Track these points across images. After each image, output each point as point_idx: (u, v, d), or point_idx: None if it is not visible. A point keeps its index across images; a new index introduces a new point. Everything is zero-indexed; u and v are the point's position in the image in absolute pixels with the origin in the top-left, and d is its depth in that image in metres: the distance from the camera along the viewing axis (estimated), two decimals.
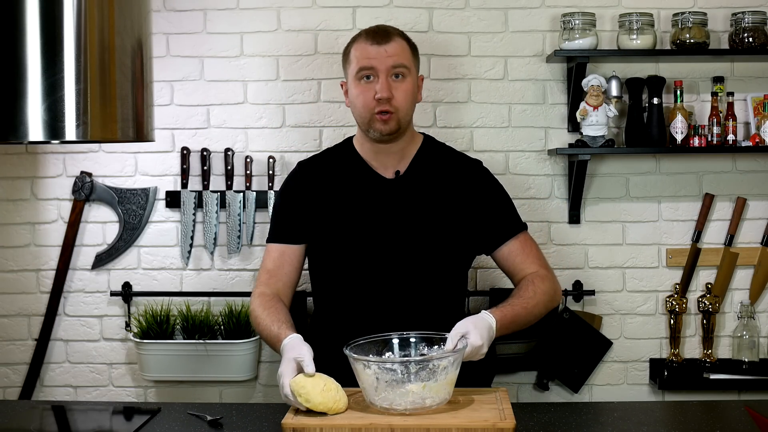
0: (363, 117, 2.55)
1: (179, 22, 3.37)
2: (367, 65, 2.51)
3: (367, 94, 2.52)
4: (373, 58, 2.51)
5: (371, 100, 2.51)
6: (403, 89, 2.53)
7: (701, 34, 3.21)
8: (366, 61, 2.52)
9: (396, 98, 2.51)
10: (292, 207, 2.63)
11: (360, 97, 2.53)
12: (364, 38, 2.55)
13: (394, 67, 2.52)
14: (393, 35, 2.56)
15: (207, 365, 3.28)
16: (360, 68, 2.52)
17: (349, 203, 2.59)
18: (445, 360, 2.12)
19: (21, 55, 2.35)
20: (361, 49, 2.54)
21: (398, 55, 2.53)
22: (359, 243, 2.55)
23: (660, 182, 3.39)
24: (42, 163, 3.41)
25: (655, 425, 2.25)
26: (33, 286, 3.43)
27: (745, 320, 3.34)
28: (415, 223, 2.56)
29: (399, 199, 2.58)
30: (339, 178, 2.62)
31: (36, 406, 2.64)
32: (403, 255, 2.54)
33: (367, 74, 2.52)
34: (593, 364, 3.38)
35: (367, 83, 2.52)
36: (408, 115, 2.58)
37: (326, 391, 2.10)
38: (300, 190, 2.63)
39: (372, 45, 2.52)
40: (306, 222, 2.60)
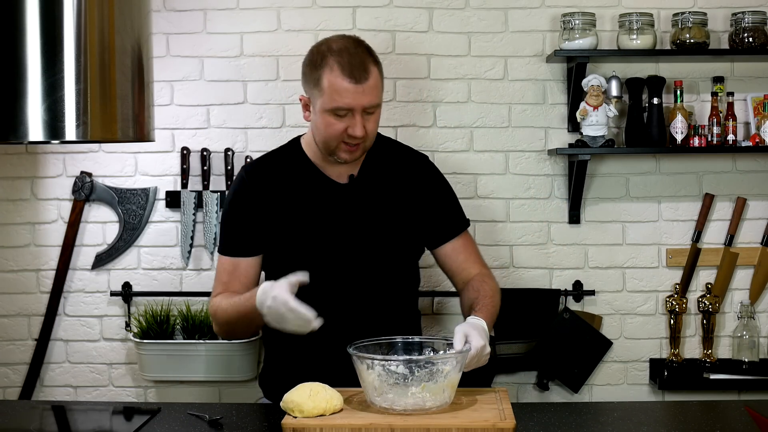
0: (328, 145, 2.44)
1: (179, 22, 3.37)
2: (343, 106, 2.37)
3: (337, 126, 2.39)
4: (350, 99, 2.36)
5: (341, 133, 2.40)
6: (374, 120, 2.44)
7: (701, 34, 3.21)
8: (342, 102, 2.37)
9: (367, 131, 2.42)
10: (242, 218, 2.51)
11: (329, 129, 2.40)
12: (340, 73, 2.36)
13: (370, 106, 2.40)
14: (369, 67, 2.41)
15: (207, 365, 3.28)
16: (335, 108, 2.37)
17: (303, 211, 2.49)
18: (448, 363, 2.12)
19: (21, 55, 2.35)
20: (336, 86, 2.36)
21: (374, 93, 2.40)
22: (316, 251, 2.48)
23: (660, 182, 3.39)
24: (42, 163, 3.41)
25: (655, 425, 2.25)
26: (33, 286, 3.43)
27: (745, 320, 3.34)
28: (369, 227, 2.51)
29: (353, 203, 2.52)
30: (290, 184, 2.51)
31: (36, 406, 2.64)
32: (359, 260, 2.50)
33: (343, 113, 2.39)
34: (593, 364, 3.38)
35: (339, 118, 2.39)
36: (373, 140, 2.49)
37: (314, 395, 2.10)
38: (250, 200, 2.51)
39: (350, 83, 2.36)
40: (258, 233, 2.50)
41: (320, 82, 2.39)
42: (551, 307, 3.35)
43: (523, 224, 3.39)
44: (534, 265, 3.39)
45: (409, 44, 3.37)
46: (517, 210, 3.39)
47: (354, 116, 2.39)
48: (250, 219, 2.51)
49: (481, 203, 3.38)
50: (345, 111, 2.38)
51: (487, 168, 3.38)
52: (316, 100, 2.42)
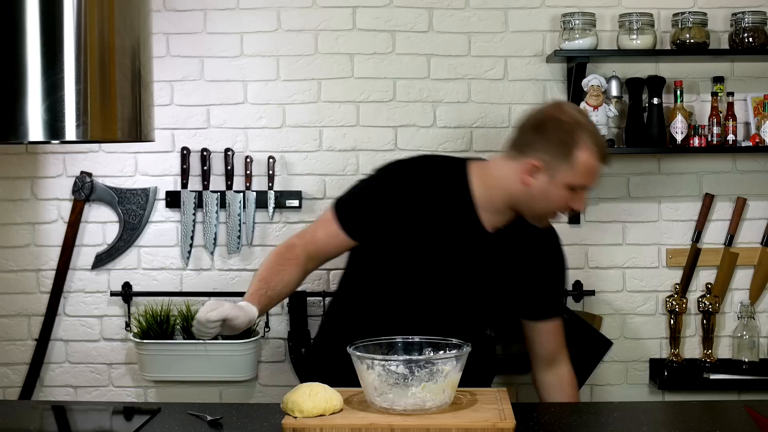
0: (546, 213, 2.47)
1: (179, 22, 3.37)
2: (588, 185, 2.42)
3: (568, 201, 2.42)
4: (595, 180, 2.43)
5: (565, 206, 2.44)
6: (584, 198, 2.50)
7: (701, 34, 3.21)
8: (589, 181, 2.41)
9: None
10: (378, 208, 2.49)
11: (560, 201, 2.42)
12: (597, 154, 2.39)
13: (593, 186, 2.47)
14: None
15: (207, 365, 3.28)
16: (582, 185, 2.40)
17: (439, 237, 2.48)
18: (448, 363, 2.12)
19: (21, 55, 2.35)
20: (591, 167, 2.39)
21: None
22: (427, 274, 2.49)
23: (660, 182, 3.39)
24: (42, 163, 3.41)
25: (655, 425, 2.25)
26: (33, 286, 3.43)
27: (745, 320, 3.34)
28: (487, 277, 2.54)
29: (486, 252, 2.52)
30: (441, 206, 2.48)
31: (36, 406, 2.64)
32: (458, 300, 2.52)
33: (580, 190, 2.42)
34: (593, 364, 3.38)
35: (572, 193, 2.41)
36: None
37: (314, 395, 2.10)
38: (397, 196, 2.48)
39: (601, 165, 2.42)
40: (384, 228, 2.48)
41: (573, 158, 2.37)
42: None
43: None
44: None
45: (409, 44, 3.37)
46: None
47: (583, 192, 2.44)
48: (385, 210, 2.48)
49: None
50: (583, 188, 2.42)
51: None
52: (560, 173, 2.38)
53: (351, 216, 2.52)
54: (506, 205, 2.48)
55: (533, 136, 2.42)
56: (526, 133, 2.45)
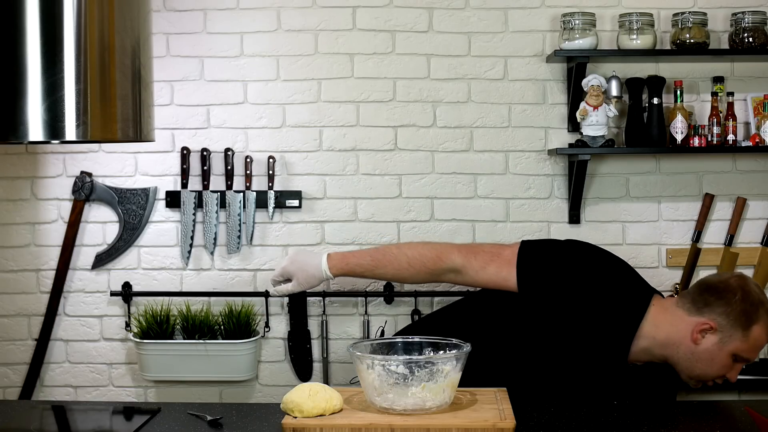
0: (700, 374, 2.50)
1: (179, 22, 3.37)
2: (751, 359, 2.49)
3: (726, 368, 2.48)
4: (756, 356, 2.49)
5: (723, 374, 2.49)
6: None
7: (701, 34, 3.21)
8: (753, 357, 2.49)
9: None
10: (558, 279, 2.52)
11: (722, 368, 2.48)
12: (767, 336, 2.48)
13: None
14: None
15: (207, 365, 3.28)
16: (747, 358, 2.48)
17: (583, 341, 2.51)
18: (448, 363, 2.12)
19: (21, 55, 2.35)
20: (761, 343, 2.48)
21: None
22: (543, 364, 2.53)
23: (660, 182, 3.39)
24: (42, 163, 3.41)
25: (655, 425, 2.25)
26: (33, 286, 3.43)
27: None
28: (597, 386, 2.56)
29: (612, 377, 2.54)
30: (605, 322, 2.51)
31: (36, 406, 2.64)
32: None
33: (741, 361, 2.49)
34: None
35: (734, 363, 2.48)
36: None
37: (314, 395, 2.11)
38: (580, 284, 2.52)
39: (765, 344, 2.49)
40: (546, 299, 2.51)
41: (750, 330, 2.44)
42: None
43: (523, 224, 3.39)
44: None
45: (409, 44, 3.37)
46: (517, 210, 3.39)
47: (740, 365, 2.49)
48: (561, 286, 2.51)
49: (481, 203, 3.38)
50: (744, 361, 2.48)
51: (487, 168, 3.38)
52: (732, 341, 2.45)
53: (533, 273, 2.53)
54: (664, 356, 2.53)
55: (717, 301, 2.48)
56: (710, 296, 2.50)
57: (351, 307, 3.40)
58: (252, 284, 3.40)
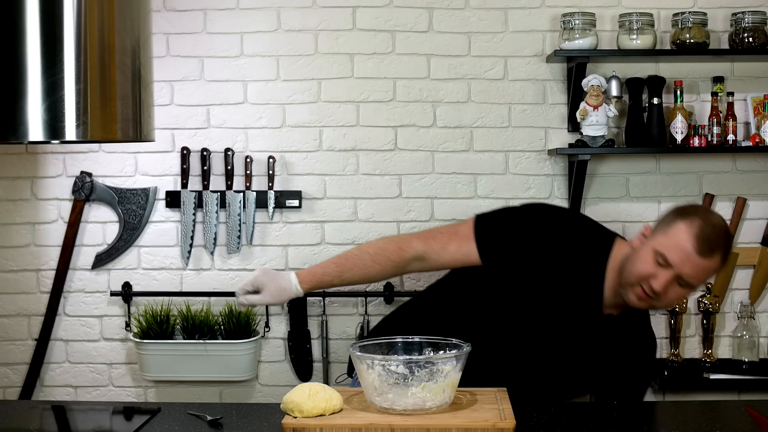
0: (629, 278, 2.41)
1: (179, 22, 3.37)
2: (668, 260, 2.35)
3: (648, 268, 2.37)
4: (678, 260, 2.35)
5: (646, 278, 2.37)
6: (679, 293, 2.42)
7: (701, 34, 3.21)
8: (672, 256, 2.35)
9: (666, 295, 2.39)
10: (519, 242, 2.49)
11: (641, 265, 2.38)
12: (693, 235, 2.34)
13: (685, 279, 2.38)
14: (717, 252, 2.36)
15: (207, 365, 3.28)
16: (662, 254, 2.36)
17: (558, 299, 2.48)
18: (448, 363, 2.12)
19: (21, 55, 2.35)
20: (680, 240, 2.35)
21: (699, 274, 2.37)
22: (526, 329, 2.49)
23: (660, 182, 3.39)
24: (42, 163, 3.41)
25: (655, 425, 2.25)
26: (33, 286, 3.43)
27: (745, 320, 3.34)
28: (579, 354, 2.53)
29: (590, 332, 2.52)
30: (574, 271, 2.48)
31: (36, 406, 2.64)
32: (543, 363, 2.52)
33: (664, 264, 2.36)
34: None
35: (657, 267, 2.36)
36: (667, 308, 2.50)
37: (313, 395, 2.10)
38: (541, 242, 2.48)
39: (692, 248, 2.33)
40: (514, 265, 2.48)
41: (673, 225, 2.38)
42: None
43: None
44: None
45: (409, 44, 3.37)
46: None
47: (667, 272, 2.36)
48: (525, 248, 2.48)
49: (481, 203, 3.38)
50: (666, 263, 2.36)
51: (487, 168, 3.39)
52: (656, 236, 2.40)
53: (492, 241, 2.51)
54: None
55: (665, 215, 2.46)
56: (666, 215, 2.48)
57: (351, 307, 3.40)
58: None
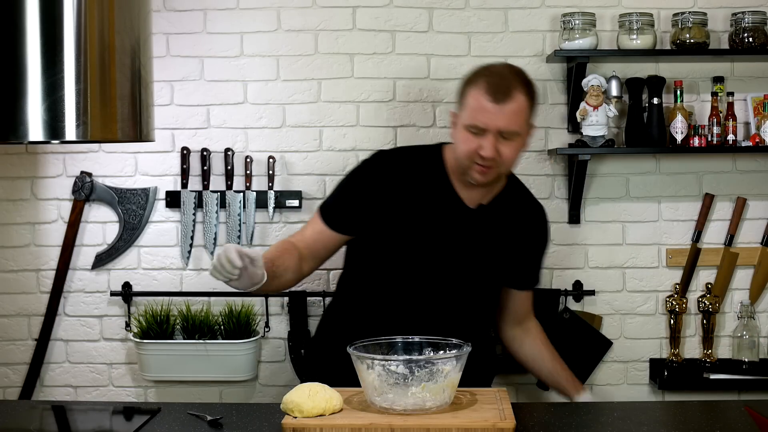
0: (462, 162, 2.44)
1: (179, 22, 3.37)
2: (478, 125, 2.38)
3: (471, 144, 2.40)
4: (486, 119, 2.37)
5: (473, 150, 2.40)
6: (511, 147, 2.42)
7: (701, 34, 3.21)
8: (478, 120, 2.38)
9: (501, 155, 2.41)
10: (358, 198, 2.54)
11: (464, 145, 2.42)
12: (484, 91, 2.38)
13: (504, 131, 2.39)
14: (515, 92, 2.38)
15: (207, 365, 3.28)
16: (470, 125, 2.39)
17: (420, 217, 2.51)
18: (448, 363, 2.12)
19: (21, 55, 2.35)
20: (478, 103, 2.39)
21: (513, 118, 2.38)
22: (415, 258, 2.51)
23: (660, 182, 3.40)
24: (42, 163, 3.41)
25: (655, 425, 2.25)
26: (33, 286, 3.43)
27: (745, 320, 3.34)
28: (473, 256, 2.56)
29: (472, 229, 2.55)
30: (420, 187, 2.52)
31: (36, 406, 2.64)
32: (450, 281, 2.55)
33: (477, 131, 2.39)
34: (593, 364, 3.38)
35: (474, 136, 2.39)
36: (509, 168, 2.51)
37: (314, 395, 2.11)
38: (375, 183, 2.53)
39: (489, 102, 2.37)
40: (366, 218, 2.52)
41: (466, 97, 2.44)
42: (551, 307, 3.35)
43: None
44: None
45: (409, 44, 3.37)
46: None
47: (487, 136, 2.38)
48: (364, 200, 2.53)
49: None
50: (480, 130, 2.38)
51: None
52: (460, 115, 2.45)
53: (333, 210, 2.57)
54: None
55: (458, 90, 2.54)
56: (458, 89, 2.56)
57: None
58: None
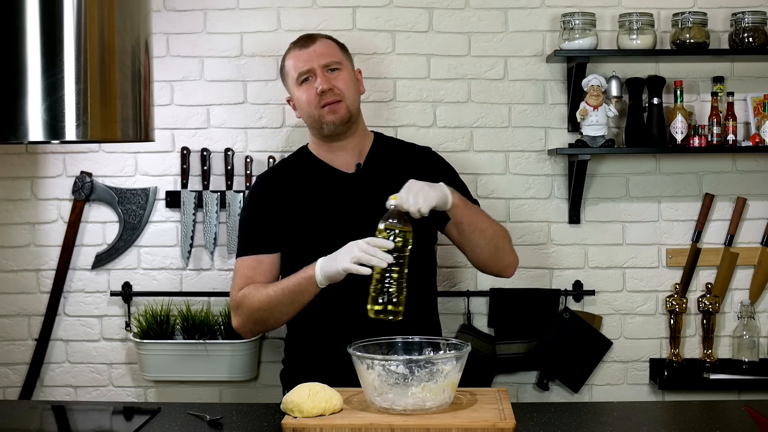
0: (312, 114, 2.65)
1: (179, 22, 3.37)
2: (302, 69, 2.65)
3: (309, 92, 2.64)
4: (305, 60, 2.65)
5: (314, 96, 2.63)
6: (342, 78, 2.66)
7: (701, 34, 3.21)
8: (300, 65, 2.66)
9: (337, 86, 2.63)
10: (262, 218, 2.67)
11: (303, 97, 2.65)
12: (293, 47, 2.72)
13: (327, 65, 2.65)
14: (318, 37, 2.72)
15: (207, 365, 3.28)
16: (298, 74, 2.66)
17: (315, 204, 2.65)
18: (448, 363, 2.12)
19: (21, 55, 2.35)
20: (293, 58, 2.69)
21: (327, 53, 2.67)
22: (330, 241, 2.52)
23: (660, 182, 3.40)
24: (42, 163, 3.41)
25: (655, 425, 2.25)
26: (33, 286, 3.43)
27: (745, 320, 3.34)
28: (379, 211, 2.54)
29: (362, 191, 2.65)
30: (302, 182, 2.69)
31: (36, 406, 2.64)
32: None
33: (305, 77, 2.65)
34: (593, 364, 3.38)
35: (307, 84, 2.65)
36: (354, 102, 2.67)
37: (314, 395, 2.11)
38: (267, 201, 2.68)
39: (301, 50, 2.68)
40: (278, 230, 2.65)
41: (285, 68, 2.73)
42: (551, 307, 3.35)
43: (523, 224, 3.39)
44: (534, 265, 3.39)
45: (409, 44, 3.37)
46: (517, 210, 3.39)
47: (315, 77, 2.64)
48: (268, 218, 2.66)
49: (482, 203, 3.35)
50: (306, 75, 2.65)
51: (487, 168, 3.39)
52: (291, 87, 2.71)
53: (257, 239, 2.66)
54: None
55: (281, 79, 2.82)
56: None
57: None
58: None
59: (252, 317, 2.59)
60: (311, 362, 2.65)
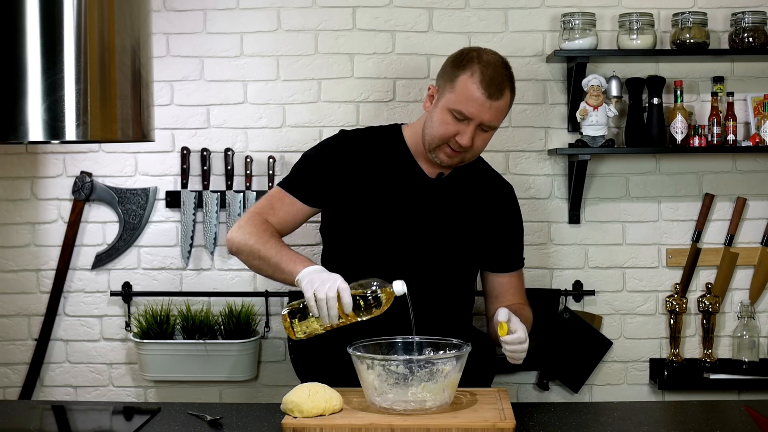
0: (433, 141, 2.48)
1: (179, 22, 3.37)
2: (468, 112, 2.42)
3: (450, 127, 2.44)
4: (477, 109, 2.42)
5: (451, 135, 2.45)
6: (484, 139, 2.50)
7: (701, 34, 3.21)
8: (471, 109, 2.42)
9: (474, 146, 2.47)
10: (324, 169, 2.57)
11: (442, 127, 2.45)
12: (479, 81, 2.42)
13: (487, 125, 2.45)
14: (505, 90, 2.46)
15: (207, 365, 3.28)
16: (460, 109, 2.42)
17: (384, 188, 2.55)
18: (448, 363, 2.12)
19: (21, 55, 2.35)
20: (469, 92, 2.42)
21: (498, 114, 2.45)
22: (383, 230, 2.52)
23: (660, 182, 3.40)
24: (42, 163, 3.41)
25: (655, 425, 2.25)
26: (33, 286, 3.43)
27: (745, 320, 3.34)
28: (442, 225, 2.56)
29: (435, 199, 2.57)
30: (381, 163, 2.57)
31: (36, 406, 2.64)
32: (420, 253, 2.54)
33: (464, 117, 2.43)
34: (593, 364, 3.38)
35: (455, 121, 2.44)
36: (475, 156, 2.55)
37: (314, 395, 2.11)
38: (339, 158, 2.57)
39: (482, 95, 2.41)
40: (331, 192, 2.56)
41: (456, 80, 2.45)
42: (551, 307, 3.35)
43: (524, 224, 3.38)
44: (534, 265, 3.39)
45: (409, 44, 3.37)
46: None
47: (469, 125, 2.43)
48: (330, 174, 2.56)
49: None
50: (464, 117, 2.43)
51: None
52: (444, 95, 2.47)
53: (303, 183, 2.58)
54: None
55: (443, 67, 2.55)
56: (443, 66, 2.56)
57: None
58: (252, 284, 3.40)
59: (241, 245, 2.49)
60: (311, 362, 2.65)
